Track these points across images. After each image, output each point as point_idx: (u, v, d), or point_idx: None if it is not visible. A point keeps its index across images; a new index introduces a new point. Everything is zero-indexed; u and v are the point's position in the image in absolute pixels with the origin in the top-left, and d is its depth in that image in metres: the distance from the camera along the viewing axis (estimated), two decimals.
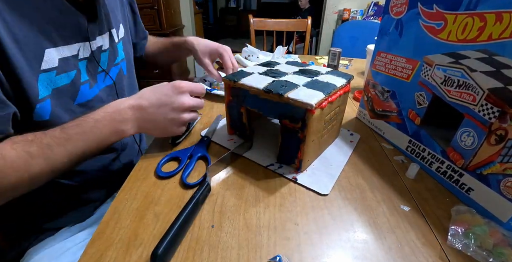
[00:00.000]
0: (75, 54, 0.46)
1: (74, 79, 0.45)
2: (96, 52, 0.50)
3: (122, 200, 0.39)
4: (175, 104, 0.44)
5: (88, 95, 0.49)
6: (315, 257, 0.32)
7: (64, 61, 0.43)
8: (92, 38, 0.49)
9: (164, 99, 0.43)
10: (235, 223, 0.36)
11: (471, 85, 0.37)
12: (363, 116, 0.63)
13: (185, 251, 0.32)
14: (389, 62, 0.52)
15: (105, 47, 0.53)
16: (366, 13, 2.71)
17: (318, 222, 0.37)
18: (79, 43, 0.46)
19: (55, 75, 0.42)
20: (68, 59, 0.44)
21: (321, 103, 0.39)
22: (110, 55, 0.55)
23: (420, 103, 0.47)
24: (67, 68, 0.44)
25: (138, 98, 0.43)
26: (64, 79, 0.44)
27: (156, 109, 0.43)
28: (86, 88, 0.48)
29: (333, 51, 0.97)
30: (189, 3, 2.98)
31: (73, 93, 0.46)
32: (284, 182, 0.44)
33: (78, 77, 0.46)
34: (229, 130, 0.55)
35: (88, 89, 0.49)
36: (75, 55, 0.46)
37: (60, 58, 0.43)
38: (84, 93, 0.48)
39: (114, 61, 0.57)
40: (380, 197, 0.41)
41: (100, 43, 0.51)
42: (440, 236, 0.35)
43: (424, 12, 0.43)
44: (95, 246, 0.33)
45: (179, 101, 0.44)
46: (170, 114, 0.44)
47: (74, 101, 0.46)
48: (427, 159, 0.46)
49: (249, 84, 0.44)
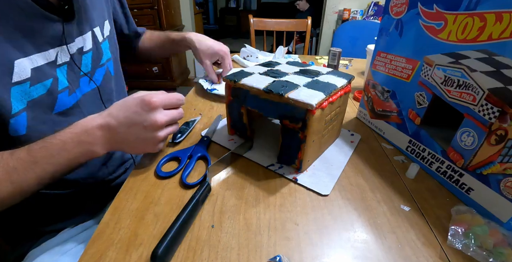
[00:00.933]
0: (52, 60, 0.43)
1: (50, 88, 0.42)
2: (77, 55, 0.47)
3: (122, 200, 0.39)
4: (147, 123, 0.39)
5: (68, 103, 0.46)
6: (315, 257, 0.32)
7: (38, 71, 0.40)
8: (70, 40, 0.45)
9: (133, 118, 0.39)
10: (235, 223, 0.36)
11: (471, 85, 0.37)
12: (363, 116, 0.63)
13: (185, 251, 0.32)
14: (389, 62, 0.52)
15: (87, 48, 0.50)
16: (366, 13, 2.71)
17: (318, 222, 0.37)
18: (56, 48, 0.43)
19: (29, 87, 0.39)
20: (43, 67, 0.41)
21: (321, 103, 0.39)
22: (94, 56, 0.52)
23: (420, 103, 0.47)
24: (42, 77, 0.41)
25: (106, 117, 0.39)
26: (40, 89, 0.41)
27: (126, 129, 0.39)
28: (65, 96, 0.45)
29: (333, 51, 0.97)
30: (189, 3, 2.98)
31: (50, 103, 0.43)
32: (284, 182, 0.44)
33: (55, 86, 0.43)
34: (229, 130, 0.55)
35: (67, 97, 0.45)
36: (52, 62, 0.43)
37: (33, 68, 0.39)
38: (63, 101, 0.45)
39: (99, 62, 0.54)
40: (380, 197, 0.41)
41: (80, 45, 0.48)
42: (440, 236, 0.35)
43: (424, 12, 0.43)
44: (95, 246, 0.33)
45: (150, 120, 0.39)
46: (142, 134, 0.40)
47: (52, 110, 0.43)
48: (427, 159, 0.46)
49: (249, 84, 0.44)
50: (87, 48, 0.50)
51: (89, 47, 0.50)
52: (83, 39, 0.49)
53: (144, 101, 0.39)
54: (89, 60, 0.51)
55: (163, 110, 0.41)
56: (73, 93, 0.47)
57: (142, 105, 0.39)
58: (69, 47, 0.45)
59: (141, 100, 0.39)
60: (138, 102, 0.39)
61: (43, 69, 0.41)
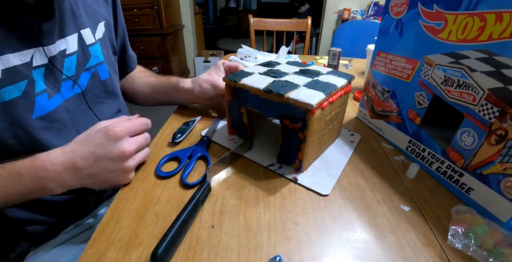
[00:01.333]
0: (27, 61, 0.40)
1: (25, 90, 0.40)
2: (58, 58, 0.45)
3: (122, 200, 0.39)
4: (113, 154, 0.38)
5: (48, 106, 0.43)
6: (315, 257, 0.32)
7: (10, 72, 0.38)
8: (49, 41, 0.43)
9: (99, 152, 0.37)
10: (235, 223, 0.36)
11: (471, 85, 0.37)
12: (363, 116, 0.63)
13: (185, 251, 0.32)
14: (389, 62, 0.52)
15: (70, 51, 0.47)
16: (366, 13, 2.71)
17: (318, 222, 0.37)
18: (32, 49, 0.40)
19: (0, 88, 0.38)
20: (16, 68, 0.39)
21: (321, 103, 0.39)
22: (79, 59, 0.49)
23: (420, 103, 0.47)
24: (14, 79, 0.39)
25: (69, 153, 0.37)
26: (13, 91, 0.39)
27: (92, 164, 0.37)
28: (44, 99, 0.43)
29: (333, 51, 0.97)
30: (189, 3, 2.99)
31: (28, 106, 0.41)
32: (284, 182, 0.44)
33: (31, 88, 0.41)
34: (229, 130, 0.55)
35: (46, 100, 0.43)
36: (27, 63, 0.40)
37: (4, 68, 0.37)
38: (41, 105, 0.42)
39: (85, 66, 0.50)
40: (380, 197, 0.41)
41: (62, 47, 0.45)
42: (440, 236, 0.35)
43: (424, 12, 0.43)
44: (95, 246, 0.33)
45: (117, 150, 0.38)
46: (110, 167, 0.38)
47: (31, 114, 0.41)
48: (427, 159, 0.46)
49: (249, 84, 0.44)
50: (70, 51, 0.47)
51: (74, 50, 0.48)
52: (66, 41, 0.46)
53: (107, 132, 0.38)
54: (73, 63, 0.48)
55: (129, 139, 0.40)
56: (53, 97, 0.45)
57: (106, 136, 0.38)
58: (47, 49, 0.43)
59: (104, 131, 0.38)
60: (102, 134, 0.38)
61: (16, 70, 0.39)
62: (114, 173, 0.39)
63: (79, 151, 0.37)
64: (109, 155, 0.38)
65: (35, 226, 0.52)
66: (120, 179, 0.40)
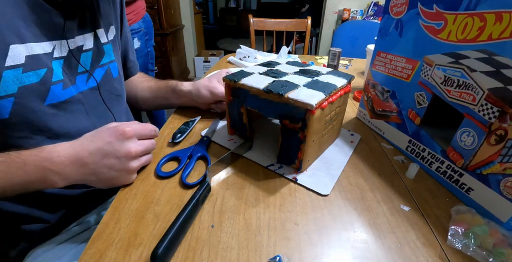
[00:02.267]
0: (49, 52, 0.43)
1: (43, 78, 0.42)
2: (75, 52, 0.48)
3: (122, 200, 0.39)
4: (120, 153, 0.38)
5: (62, 96, 0.45)
6: (315, 257, 0.32)
7: (32, 59, 0.41)
8: (70, 36, 0.46)
9: (106, 148, 0.38)
10: (235, 223, 0.36)
11: (471, 85, 0.37)
12: (363, 116, 0.63)
13: (185, 251, 0.32)
14: (389, 62, 0.52)
15: (87, 47, 0.50)
16: (366, 13, 2.71)
17: (318, 222, 0.37)
18: (54, 41, 0.44)
19: (21, 73, 0.40)
20: (38, 57, 0.41)
21: (321, 103, 0.39)
22: (94, 55, 0.52)
23: (420, 103, 0.47)
24: (35, 66, 0.41)
25: (78, 147, 0.38)
26: (32, 77, 0.41)
27: (99, 160, 0.38)
28: (59, 89, 0.45)
29: (333, 51, 0.97)
30: (189, 3, 2.99)
31: (42, 93, 0.43)
32: (284, 182, 0.44)
33: (49, 76, 0.43)
34: (229, 130, 0.55)
35: (60, 90, 0.45)
36: (49, 54, 0.43)
37: (28, 55, 0.40)
38: (55, 93, 0.44)
39: (99, 63, 0.54)
40: (380, 197, 0.41)
41: (80, 43, 0.49)
42: (440, 236, 0.35)
43: (424, 12, 0.43)
44: (95, 246, 0.33)
45: (124, 149, 0.38)
46: (115, 165, 0.38)
47: (44, 101, 0.43)
48: (427, 159, 0.46)
49: (249, 84, 0.44)
50: (87, 47, 0.50)
51: (90, 47, 0.51)
52: (84, 38, 0.50)
53: (117, 131, 0.39)
54: (89, 59, 0.51)
55: (137, 140, 0.41)
56: (68, 88, 0.47)
57: (115, 135, 0.39)
58: (68, 43, 0.46)
59: (114, 130, 0.39)
60: (112, 132, 0.39)
61: (38, 58, 0.41)
62: (118, 172, 0.39)
63: (87, 146, 0.38)
64: (116, 153, 0.38)
65: (35, 224, 0.52)
66: (122, 179, 0.41)
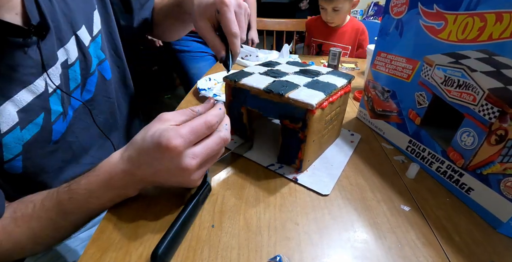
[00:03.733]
0: (42, 91, 0.39)
1: (43, 124, 0.40)
2: (63, 73, 0.43)
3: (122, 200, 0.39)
4: (172, 171, 0.32)
5: (62, 128, 0.44)
6: (315, 257, 0.32)
7: (26, 111, 0.37)
8: (52, 59, 0.40)
9: (156, 166, 0.32)
10: (235, 223, 0.36)
11: (471, 85, 0.37)
12: (363, 116, 0.63)
13: (185, 251, 0.32)
14: (389, 62, 0.52)
15: (72, 60, 0.44)
16: (366, 13, 2.71)
17: (318, 222, 0.37)
18: (42, 76, 0.39)
19: (20, 131, 0.37)
20: (31, 104, 0.38)
21: (321, 103, 0.39)
22: (82, 65, 0.46)
23: (420, 103, 0.47)
24: (31, 116, 0.38)
25: (127, 163, 0.33)
26: (32, 129, 0.38)
27: (152, 175, 0.33)
28: (59, 124, 0.43)
29: (333, 51, 0.97)
30: None
31: (46, 137, 0.41)
32: (284, 182, 0.44)
33: (48, 119, 0.40)
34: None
35: (61, 123, 0.43)
36: (42, 93, 0.39)
37: (19, 109, 0.36)
38: (58, 130, 0.43)
39: (89, 71, 0.48)
40: (380, 197, 0.41)
41: (63, 58, 0.43)
42: (440, 236, 0.35)
43: (424, 12, 0.43)
44: (95, 246, 0.33)
45: (176, 168, 0.32)
46: (171, 179, 0.34)
47: (49, 143, 0.42)
48: (427, 159, 0.46)
49: (249, 84, 0.44)
50: (72, 60, 0.44)
51: (75, 57, 0.45)
52: (66, 51, 0.43)
53: (161, 148, 0.30)
54: (78, 72, 0.46)
55: (190, 151, 0.31)
56: (67, 115, 0.44)
57: (161, 151, 0.30)
58: (55, 68, 0.41)
59: (157, 146, 0.30)
60: (156, 148, 0.30)
61: (31, 106, 0.37)
62: (178, 182, 0.34)
63: (136, 160, 0.33)
64: (168, 171, 0.32)
65: None
66: (186, 185, 0.36)
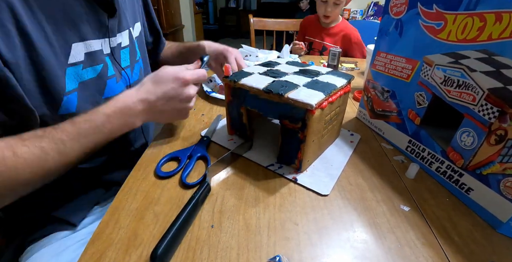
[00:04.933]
0: (100, 49, 0.47)
1: (100, 73, 0.47)
2: (116, 49, 0.52)
3: (122, 200, 0.39)
4: (182, 96, 0.46)
5: (116, 89, 0.51)
6: (315, 257, 0.32)
7: (90, 56, 0.45)
8: (112, 34, 0.50)
9: (171, 93, 0.45)
10: (235, 223, 0.36)
11: (471, 85, 0.37)
12: (363, 116, 0.63)
13: (185, 251, 0.32)
14: (389, 62, 0.52)
15: (124, 44, 0.54)
16: (366, 13, 2.71)
17: (318, 222, 0.37)
18: (101, 39, 0.48)
19: (81, 69, 0.44)
20: (95, 53, 0.46)
21: (321, 103, 0.39)
22: (131, 52, 0.57)
23: (420, 103, 0.47)
24: (93, 62, 0.46)
25: (145, 93, 0.44)
26: (90, 73, 0.46)
27: (164, 102, 0.45)
28: (113, 83, 0.50)
29: (333, 51, 0.97)
30: (189, 3, 2.99)
31: (100, 87, 0.48)
32: (284, 182, 0.44)
33: (105, 71, 0.48)
34: (229, 130, 0.55)
35: (115, 83, 0.51)
36: (101, 50, 0.47)
37: (86, 52, 0.44)
38: (111, 87, 0.49)
39: (136, 58, 0.59)
40: (380, 197, 0.41)
41: (119, 40, 0.52)
42: (440, 236, 0.35)
43: (424, 12, 0.43)
44: (95, 246, 0.33)
45: (186, 94, 0.46)
46: (178, 106, 0.46)
47: (102, 95, 0.48)
48: (427, 159, 0.46)
49: (249, 84, 0.44)
50: (124, 44, 0.54)
51: (127, 43, 0.55)
52: (121, 36, 0.53)
53: (178, 77, 0.45)
54: (127, 55, 0.56)
55: (193, 85, 0.47)
56: (119, 82, 0.52)
57: (177, 81, 0.45)
58: (111, 41, 0.50)
59: (175, 77, 0.45)
60: (173, 78, 0.45)
61: (94, 55, 0.46)
62: (179, 112, 0.48)
63: (153, 91, 0.44)
64: (179, 96, 0.45)
65: None
66: (182, 116, 0.50)
